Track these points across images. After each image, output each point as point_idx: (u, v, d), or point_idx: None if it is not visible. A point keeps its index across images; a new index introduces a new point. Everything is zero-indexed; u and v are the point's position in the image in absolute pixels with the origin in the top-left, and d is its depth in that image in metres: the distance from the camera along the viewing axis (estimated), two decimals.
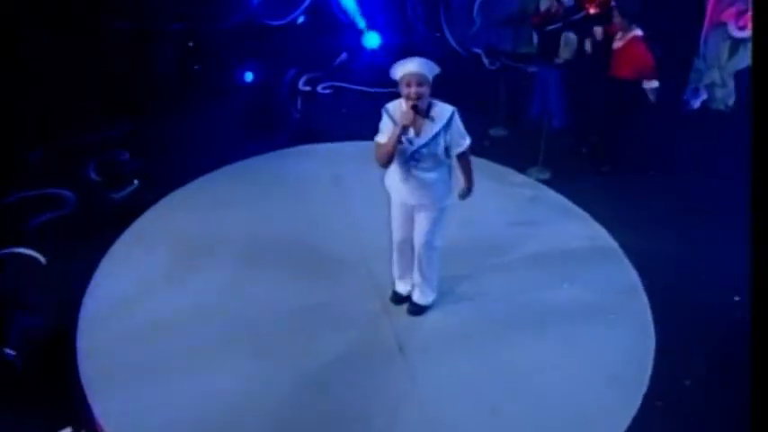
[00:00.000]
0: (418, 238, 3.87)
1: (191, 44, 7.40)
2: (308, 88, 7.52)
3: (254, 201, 5.30)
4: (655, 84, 5.48)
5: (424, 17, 8.10)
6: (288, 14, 7.57)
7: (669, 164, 6.08)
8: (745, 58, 7.05)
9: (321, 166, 5.88)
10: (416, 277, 4.05)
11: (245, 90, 7.39)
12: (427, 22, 8.14)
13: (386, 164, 3.61)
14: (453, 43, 8.14)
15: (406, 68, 3.39)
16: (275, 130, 6.54)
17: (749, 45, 6.97)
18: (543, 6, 6.51)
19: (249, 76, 7.51)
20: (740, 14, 6.69)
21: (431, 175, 3.62)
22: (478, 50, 8.24)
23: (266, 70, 7.56)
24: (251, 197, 5.35)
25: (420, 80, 3.35)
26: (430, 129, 3.49)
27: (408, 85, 3.37)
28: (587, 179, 5.79)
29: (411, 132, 3.47)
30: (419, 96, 3.37)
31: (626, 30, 5.50)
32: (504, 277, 4.46)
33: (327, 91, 7.52)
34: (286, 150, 6.17)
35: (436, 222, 3.78)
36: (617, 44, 5.60)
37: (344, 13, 7.73)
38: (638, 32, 5.48)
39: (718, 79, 7.40)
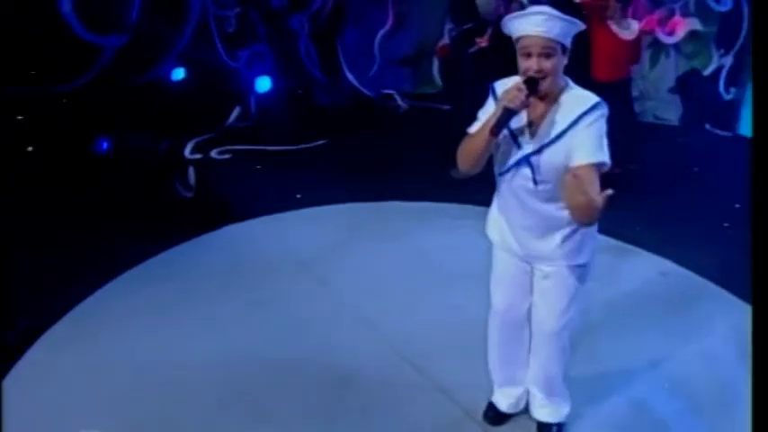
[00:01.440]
0: (542, 318, 2.42)
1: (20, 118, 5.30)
2: (197, 156, 5.73)
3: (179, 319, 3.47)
4: None
5: (319, 59, 6.80)
6: (157, 66, 5.75)
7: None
8: (668, 67, 6.81)
9: (253, 252, 4.19)
10: (540, 383, 2.59)
11: (107, 171, 5.27)
12: (323, 65, 6.86)
13: (469, 167, 2.21)
14: (357, 84, 6.95)
15: (523, 27, 2.03)
16: (162, 221, 4.50)
17: (672, 52, 6.75)
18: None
19: (107, 149, 5.45)
20: (664, 21, 6.39)
21: (555, 208, 2.21)
22: (389, 91, 7.18)
23: (134, 140, 5.63)
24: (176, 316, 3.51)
25: (547, 48, 2.01)
26: (551, 126, 2.11)
27: (528, 54, 2.03)
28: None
29: (522, 122, 2.12)
30: (543, 74, 2.03)
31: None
32: (615, 342, 3.17)
33: (226, 156, 5.79)
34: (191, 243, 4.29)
35: (571, 292, 2.34)
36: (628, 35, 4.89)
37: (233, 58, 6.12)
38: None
39: (644, 91, 7.09)
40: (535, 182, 2.17)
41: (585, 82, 2.25)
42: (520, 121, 2.15)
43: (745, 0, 6.15)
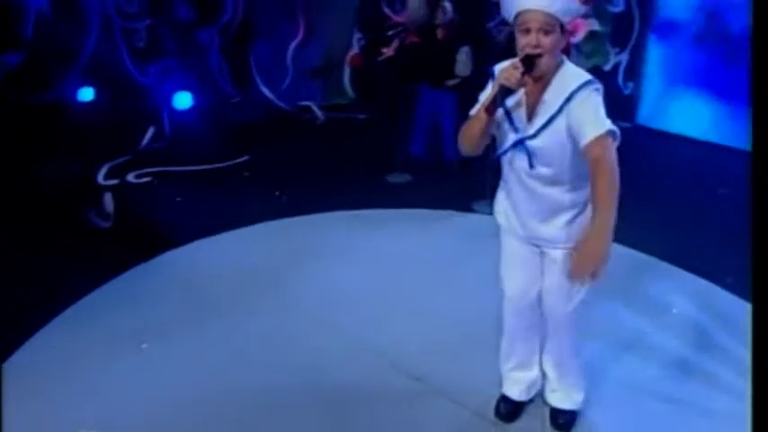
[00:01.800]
0: (553, 302, 2.41)
1: None
2: (113, 181, 5.26)
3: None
4: None
5: (231, 73, 6.51)
6: (58, 84, 5.21)
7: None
8: None
9: (203, 277, 3.87)
10: (551, 366, 2.57)
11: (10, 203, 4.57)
12: (236, 79, 6.58)
13: (469, 149, 2.21)
14: (273, 97, 6.75)
15: (523, 2, 2.00)
16: (83, 256, 3.95)
17: (573, 52, 7.13)
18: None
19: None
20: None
21: (558, 192, 2.21)
22: (306, 103, 7.04)
23: (39, 167, 5.07)
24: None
25: (547, 24, 1.99)
26: (546, 108, 2.11)
27: (527, 30, 2.01)
28: None
29: (518, 103, 2.12)
30: (541, 50, 2.01)
31: None
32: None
33: (145, 179, 5.36)
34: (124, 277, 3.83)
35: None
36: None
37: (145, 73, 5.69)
38: None
39: None
40: (531, 165, 2.15)
41: None
42: (517, 103, 2.13)
43: (635, 2, 6.64)
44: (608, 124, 2.05)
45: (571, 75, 2.11)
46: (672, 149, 6.38)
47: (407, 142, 5.70)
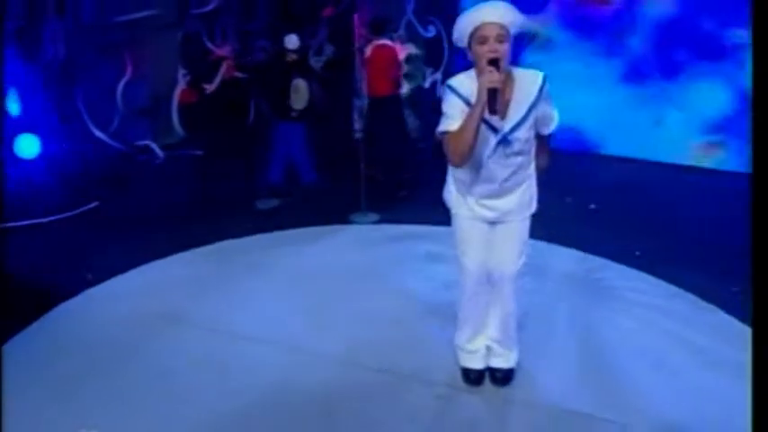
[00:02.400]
0: (502, 262, 2.81)
1: None
2: None
3: None
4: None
5: (59, 115, 5.99)
6: None
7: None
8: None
9: (115, 324, 3.61)
10: (496, 330, 2.95)
11: None
12: (64, 121, 6.06)
13: (464, 158, 2.48)
14: (107, 139, 6.35)
15: (476, 18, 2.40)
16: None
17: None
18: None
19: None
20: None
21: (517, 171, 2.64)
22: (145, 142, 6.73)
23: None
24: None
25: (500, 35, 2.37)
26: (518, 104, 2.51)
27: (484, 40, 2.38)
28: (420, 209, 5.24)
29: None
30: (498, 55, 2.36)
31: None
32: None
33: None
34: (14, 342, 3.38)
35: (524, 239, 2.82)
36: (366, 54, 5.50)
37: None
38: (383, 41, 5.55)
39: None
40: (505, 155, 2.56)
41: None
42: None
43: (443, 29, 7.56)
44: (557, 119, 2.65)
45: (526, 74, 2.55)
46: None
47: (266, 171, 5.76)
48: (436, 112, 2.55)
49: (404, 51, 7.16)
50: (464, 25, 2.45)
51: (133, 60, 6.68)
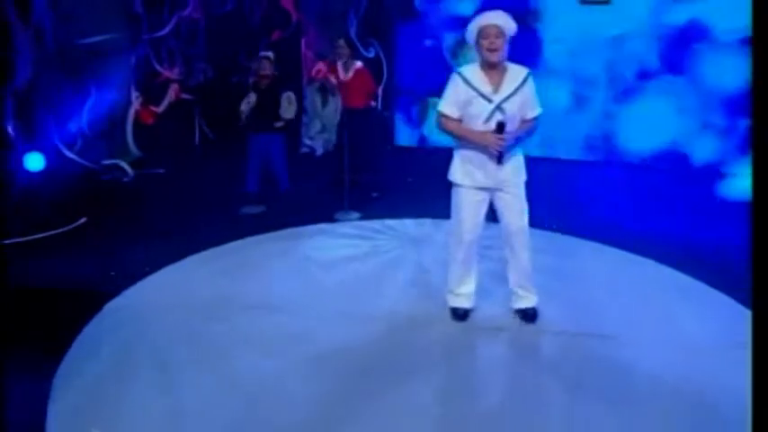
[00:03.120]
0: (514, 223, 3.53)
1: None
2: None
3: None
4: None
5: (28, 137, 6.09)
6: None
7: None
8: (334, 105, 8.54)
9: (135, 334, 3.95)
10: (517, 276, 3.67)
11: None
12: (34, 142, 6.17)
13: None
14: (78, 159, 6.52)
15: (481, 20, 3.27)
16: None
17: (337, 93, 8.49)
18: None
19: None
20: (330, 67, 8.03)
21: (511, 144, 3.38)
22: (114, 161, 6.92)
23: None
24: None
25: (499, 35, 3.23)
26: (508, 84, 3.32)
27: (485, 37, 3.24)
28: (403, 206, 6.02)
29: (489, 86, 3.29)
30: (496, 47, 3.22)
31: (351, 63, 6.09)
32: None
33: None
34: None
35: (523, 200, 3.56)
36: (346, 77, 6.08)
37: None
38: (360, 64, 6.17)
39: (319, 127, 8.66)
40: (503, 123, 3.29)
41: None
42: (487, 85, 3.29)
43: (381, 49, 8.33)
44: (539, 108, 3.47)
45: (516, 67, 3.39)
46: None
47: (246, 181, 6.13)
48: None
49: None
50: (472, 26, 3.32)
51: (95, 83, 6.88)
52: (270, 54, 6.03)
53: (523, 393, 3.04)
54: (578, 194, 6.57)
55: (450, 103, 3.38)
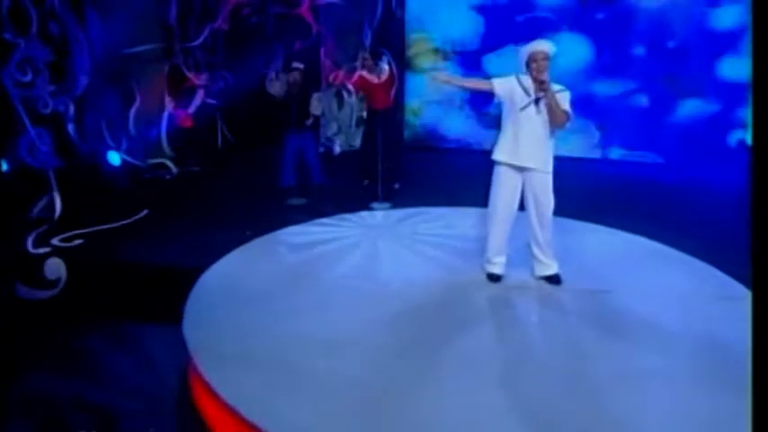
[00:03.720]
0: (542, 205, 4.38)
1: None
2: (45, 249, 5.33)
3: None
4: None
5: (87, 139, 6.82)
6: None
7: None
8: (349, 108, 9.40)
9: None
10: (541, 250, 4.52)
11: None
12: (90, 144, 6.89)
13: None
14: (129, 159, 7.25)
15: (531, 48, 4.18)
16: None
17: (354, 97, 9.36)
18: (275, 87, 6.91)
19: None
20: (348, 75, 8.89)
21: (545, 130, 4.25)
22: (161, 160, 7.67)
23: None
24: None
25: (544, 56, 4.13)
26: (548, 91, 4.18)
27: (535, 60, 4.13)
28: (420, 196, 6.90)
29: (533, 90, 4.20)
30: (544, 69, 4.11)
31: (380, 68, 6.97)
32: None
33: (77, 242, 5.52)
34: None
35: (551, 188, 4.39)
36: (380, 79, 6.94)
37: None
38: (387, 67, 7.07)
39: (336, 129, 9.50)
40: (538, 110, 4.20)
41: None
42: (531, 88, 4.19)
43: (392, 59, 9.20)
44: (569, 106, 4.31)
45: (555, 85, 4.24)
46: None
47: (278, 177, 6.96)
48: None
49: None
50: (523, 52, 4.21)
51: (138, 88, 7.61)
52: (301, 66, 6.89)
53: (552, 330, 3.97)
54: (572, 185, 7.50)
55: (500, 83, 4.29)
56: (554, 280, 4.57)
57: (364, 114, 8.20)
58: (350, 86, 8.91)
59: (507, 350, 3.73)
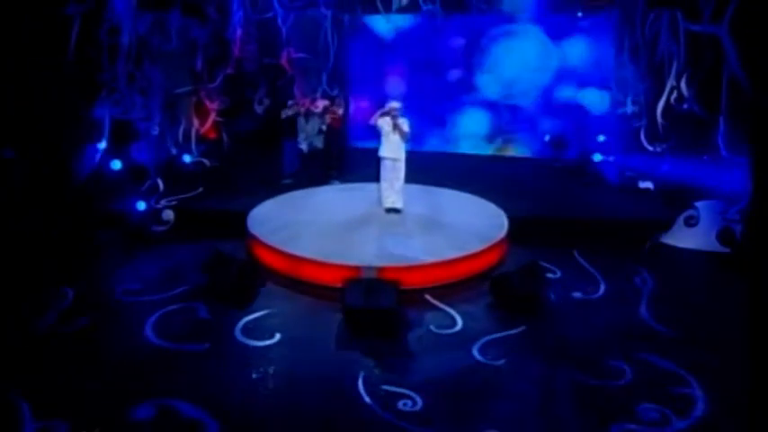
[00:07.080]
0: (401, 176, 9.37)
1: None
2: (164, 203, 9.95)
3: None
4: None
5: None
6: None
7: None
8: (315, 123, 14.21)
9: None
10: (397, 194, 9.46)
11: None
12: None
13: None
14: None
15: (392, 105, 9.10)
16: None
17: (316, 116, 14.16)
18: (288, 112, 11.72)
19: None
20: (312, 102, 13.65)
21: (399, 141, 9.24)
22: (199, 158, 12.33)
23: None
24: None
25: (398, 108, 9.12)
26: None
27: (393, 110, 9.09)
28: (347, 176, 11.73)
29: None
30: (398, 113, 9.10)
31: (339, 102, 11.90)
32: None
33: (172, 202, 10.17)
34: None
35: (404, 166, 9.42)
36: (338, 112, 11.86)
37: None
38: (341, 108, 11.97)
39: (304, 137, 14.29)
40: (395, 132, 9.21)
41: None
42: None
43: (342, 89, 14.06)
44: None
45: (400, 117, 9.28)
46: None
47: (283, 167, 11.72)
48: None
49: (322, 103, 13.53)
50: (387, 106, 9.23)
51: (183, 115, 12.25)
52: (294, 103, 11.74)
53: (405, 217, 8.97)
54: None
55: (380, 118, 9.22)
56: (400, 210, 9.53)
57: (324, 127, 12.98)
58: (313, 108, 13.73)
59: (396, 224, 8.76)
